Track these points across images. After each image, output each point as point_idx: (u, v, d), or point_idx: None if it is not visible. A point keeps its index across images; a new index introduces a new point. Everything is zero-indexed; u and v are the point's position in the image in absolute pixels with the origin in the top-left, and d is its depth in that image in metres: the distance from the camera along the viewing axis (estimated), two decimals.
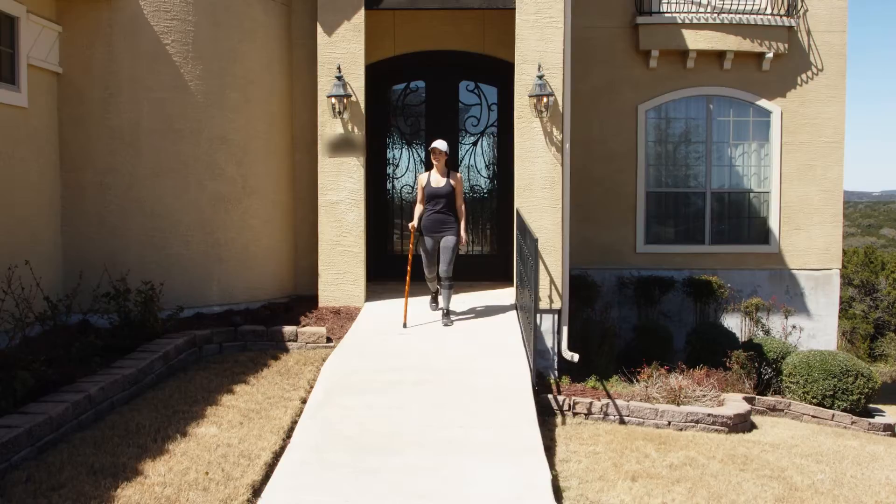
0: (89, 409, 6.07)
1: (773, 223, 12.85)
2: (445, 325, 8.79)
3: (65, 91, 8.98)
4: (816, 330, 12.78)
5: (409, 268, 9.24)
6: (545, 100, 9.47)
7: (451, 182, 9.01)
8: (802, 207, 12.83)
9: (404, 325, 8.73)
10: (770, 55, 12.52)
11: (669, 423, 7.98)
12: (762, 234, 12.94)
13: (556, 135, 9.61)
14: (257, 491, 4.89)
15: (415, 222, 9.13)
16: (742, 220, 13.00)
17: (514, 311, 9.38)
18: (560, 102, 9.59)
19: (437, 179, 9.05)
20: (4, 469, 4.94)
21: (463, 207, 9.17)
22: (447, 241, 8.98)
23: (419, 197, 9.19)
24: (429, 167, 9.78)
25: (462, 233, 9.07)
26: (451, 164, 11.56)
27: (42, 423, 5.43)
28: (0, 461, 4.92)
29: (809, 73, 12.78)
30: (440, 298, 9.17)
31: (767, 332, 12.31)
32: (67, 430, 5.73)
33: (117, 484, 4.86)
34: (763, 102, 12.81)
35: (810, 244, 12.85)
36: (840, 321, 14.12)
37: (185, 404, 6.56)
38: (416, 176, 9.58)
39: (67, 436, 5.70)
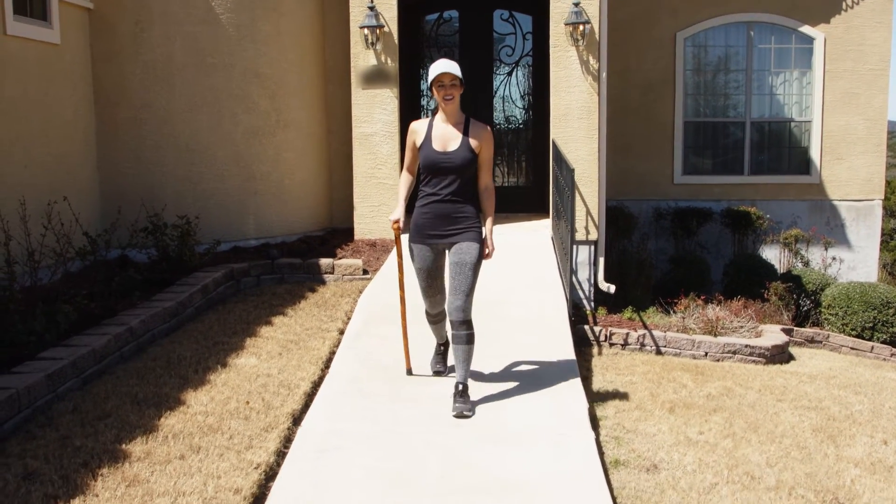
0: (131, 341, 6.17)
1: (815, 153, 12.58)
2: (459, 413, 4.86)
3: (96, 26, 8.94)
4: (857, 262, 12.60)
5: (402, 295, 5.56)
6: (581, 28, 9.26)
7: (472, 143, 4.97)
8: (845, 137, 12.52)
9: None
10: None
11: (706, 353, 7.95)
12: (803, 164, 12.67)
13: (592, 64, 9.42)
14: (297, 419, 4.96)
15: (400, 212, 5.24)
16: (782, 150, 12.73)
17: (550, 243, 9.33)
18: (597, 30, 9.37)
19: (447, 135, 5.01)
20: (51, 399, 5.06)
21: (492, 188, 5.20)
22: (462, 251, 5.00)
23: (408, 160, 5.29)
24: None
25: (488, 235, 5.12)
26: (485, 97, 11.39)
27: (86, 354, 5.53)
28: (47, 392, 5.03)
29: None
30: (451, 356, 5.24)
31: (807, 264, 12.16)
32: (110, 361, 5.84)
33: (161, 413, 4.96)
34: (806, 29, 12.42)
35: (852, 174, 12.57)
36: (881, 253, 13.85)
37: (224, 336, 6.65)
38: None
39: (110, 367, 5.81)
